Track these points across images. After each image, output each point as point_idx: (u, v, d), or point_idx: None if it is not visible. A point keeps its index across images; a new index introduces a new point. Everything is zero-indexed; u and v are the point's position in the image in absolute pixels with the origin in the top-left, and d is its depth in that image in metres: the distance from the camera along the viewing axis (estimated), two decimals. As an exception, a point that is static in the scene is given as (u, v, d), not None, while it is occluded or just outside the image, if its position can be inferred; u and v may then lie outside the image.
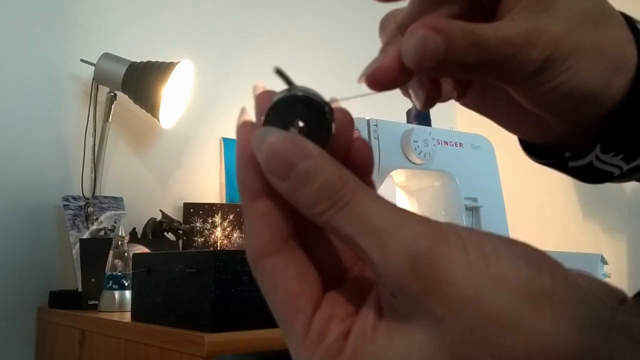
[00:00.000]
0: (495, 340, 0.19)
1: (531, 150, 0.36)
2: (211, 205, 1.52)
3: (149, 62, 1.38)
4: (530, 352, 0.19)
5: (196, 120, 1.63)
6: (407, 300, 0.21)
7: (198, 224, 1.48)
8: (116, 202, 1.42)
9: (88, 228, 1.35)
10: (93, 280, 1.22)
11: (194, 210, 1.49)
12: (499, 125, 0.36)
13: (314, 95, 0.24)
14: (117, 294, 1.15)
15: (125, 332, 0.97)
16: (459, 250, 0.20)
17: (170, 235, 1.43)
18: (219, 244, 1.48)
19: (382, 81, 0.28)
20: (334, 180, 0.22)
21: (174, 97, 1.43)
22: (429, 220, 0.21)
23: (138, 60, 1.39)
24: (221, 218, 1.50)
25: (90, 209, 1.37)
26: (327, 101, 0.24)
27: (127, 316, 1.02)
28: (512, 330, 0.19)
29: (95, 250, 1.25)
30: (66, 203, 1.35)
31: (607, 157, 0.32)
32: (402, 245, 0.21)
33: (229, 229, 1.50)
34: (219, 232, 1.49)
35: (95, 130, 1.42)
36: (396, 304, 0.22)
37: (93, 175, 1.40)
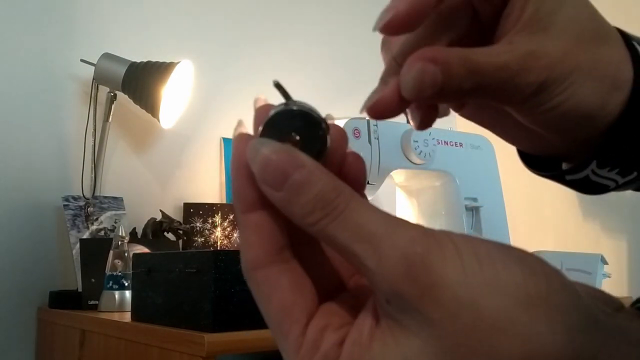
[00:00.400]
0: (491, 343, 0.19)
1: (529, 160, 0.36)
2: (211, 205, 1.52)
3: (149, 62, 1.38)
4: (527, 355, 0.19)
5: (196, 120, 1.63)
6: (403, 306, 0.21)
7: (198, 224, 1.48)
8: (116, 202, 1.42)
9: (88, 228, 1.35)
10: (93, 280, 1.22)
11: (194, 210, 1.49)
12: (498, 136, 0.36)
13: (311, 110, 0.24)
14: (117, 294, 1.15)
15: (125, 332, 0.97)
16: (452, 254, 0.20)
17: (170, 235, 1.43)
18: (219, 244, 1.48)
19: (383, 112, 0.29)
20: (328, 190, 0.22)
21: (174, 97, 1.43)
22: (423, 227, 0.22)
23: (138, 60, 1.39)
24: (221, 218, 1.50)
25: (90, 209, 1.37)
26: (323, 117, 0.24)
27: (127, 316, 1.02)
28: (508, 333, 0.19)
29: (95, 250, 1.25)
30: (66, 203, 1.35)
31: (603, 172, 0.32)
32: (397, 250, 0.21)
33: (229, 229, 1.50)
34: (219, 232, 1.49)
35: (95, 130, 1.42)
36: (391, 310, 0.21)
37: (93, 175, 1.40)
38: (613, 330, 0.21)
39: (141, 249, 1.26)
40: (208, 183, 1.65)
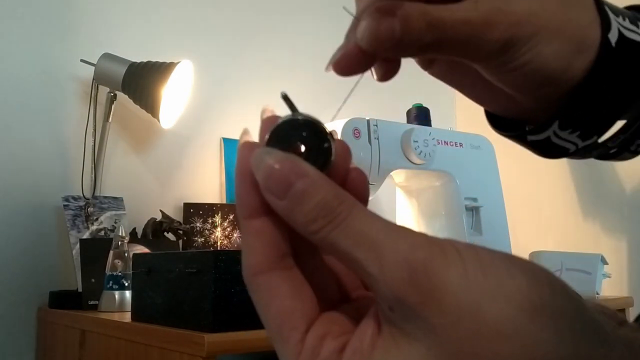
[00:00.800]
0: (495, 350, 0.19)
1: (495, 121, 0.37)
2: (211, 205, 1.52)
3: (149, 62, 1.38)
4: None
5: (196, 120, 1.63)
6: (405, 313, 0.21)
7: (198, 224, 1.48)
8: (116, 202, 1.42)
9: (88, 228, 1.35)
10: (93, 280, 1.22)
11: (194, 210, 1.49)
12: (467, 96, 0.36)
13: (317, 122, 0.25)
14: (117, 294, 1.15)
15: (125, 332, 0.97)
16: (455, 260, 0.20)
17: (170, 235, 1.43)
18: (219, 244, 1.48)
19: (348, 68, 0.29)
20: (331, 199, 0.22)
21: (174, 97, 1.43)
22: (426, 234, 0.22)
23: (138, 60, 1.39)
24: (221, 218, 1.50)
25: (91, 209, 1.37)
26: (329, 130, 0.25)
27: (127, 316, 1.02)
28: (512, 340, 0.19)
29: (96, 250, 1.25)
30: (66, 203, 1.35)
31: (564, 134, 0.32)
32: (399, 256, 0.21)
33: (229, 229, 1.50)
34: (219, 232, 1.49)
35: (95, 130, 1.42)
36: (394, 317, 0.21)
37: (93, 175, 1.40)
38: (618, 340, 0.21)
39: (141, 249, 1.26)
40: (208, 183, 1.65)
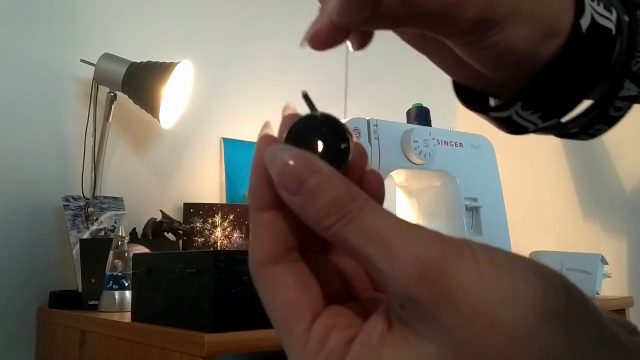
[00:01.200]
0: (508, 353, 0.19)
1: (462, 92, 0.37)
2: (211, 205, 1.52)
3: (149, 62, 1.38)
4: None
5: (196, 120, 1.63)
6: (416, 311, 0.20)
7: (198, 224, 1.48)
8: (116, 203, 1.42)
9: (88, 228, 1.35)
10: (93, 280, 1.22)
11: (194, 210, 1.49)
12: (436, 65, 0.36)
13: (336, 121, 0.25)
14: (117, 294, 1.15)
15: (125, 332, 0.97)
16: (470, 260, 0.20)
17: (170, 236, 1.43)
18: (219, 244, 1.48)
19: (323, 42, 0.29)
20: (343, 195, 0.22)
21: (174, 97, 1.43)
22: (439, 232, 0.21)
23: (138, 60, 1.39)
24: (221, 218, 1.50)
25: (91, 209, 1.37)
26: (349, 130, 0.25)
27: (127, 316, 1.02)
28: (526, 343, 0.19)
29: (96, 250, 1.25)
30: (66, 203, 1.35)
31: (526, 114, 0.33)
32: (410, 253, 0.20)
33: (229, 229, 1.50)
34: (219, 232, 1.49)
35: (95, 130, 1.42)
36: (405, 315, 0.21)
37: (93, 176, 1.40)
38: (632, 347, 0.21)
39: (141, 249, 1.26)
40: (208, 183, 1.65)
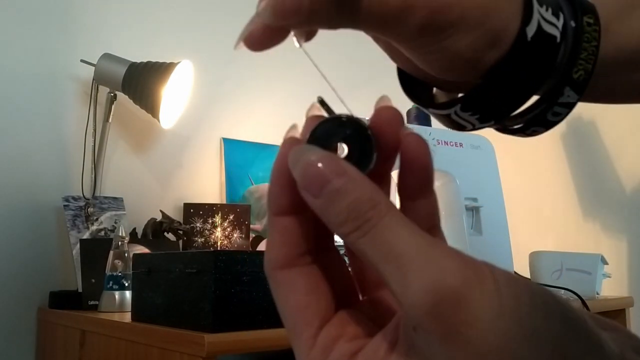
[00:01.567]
0: None
1: (407, 82, 0.37)
2: (211, 205, 1.52)
3: (149, 62, 1.38)
4: None
5: (196, 120, 1.63)
6: (427, 339, 0.20)
7: (198, 224, 1.48)
8: (116, 203, 1.42)
9: (88, 228, 1.35)
10: (93, 280, 1.22)
11: (194, 210, 1.49)
12: (385, 52, 0.36)
13: (360, 122, 0.24)
14: (117, 294, 1.15)
15: (126, 333, 0.97)
16: (491, 292, 0.19)
17: (170, 236, 1.43)
18: (219, 244, 1.48)
19: (259, 42, 0.29)
20: (364, 200, 0.21)
21: (174, 97, 1.43)
22: (463, 255, 0.20)
23: (138, 61, 1.39)
24: (221, 218, 1.50)
25: (91, 209, 1.37)
26: (375, 132, 0.24)
27: (127, 316, 1.02)
28: None
29: (96, 250, 1.25)
30: (66, 203, 1.35)
31: (465, 115, 0.33)
32: (426, 280, 0.19)
33: (229, 229, 1.50)
34: (219, 233, 1.49)
35: (95, 130, 1.42)
36: (416, 339, 0.20)
37: (93, 176, 1.40)
38: None
39: (141, 249, 1.26)
40: (208, 183, 1.65)
